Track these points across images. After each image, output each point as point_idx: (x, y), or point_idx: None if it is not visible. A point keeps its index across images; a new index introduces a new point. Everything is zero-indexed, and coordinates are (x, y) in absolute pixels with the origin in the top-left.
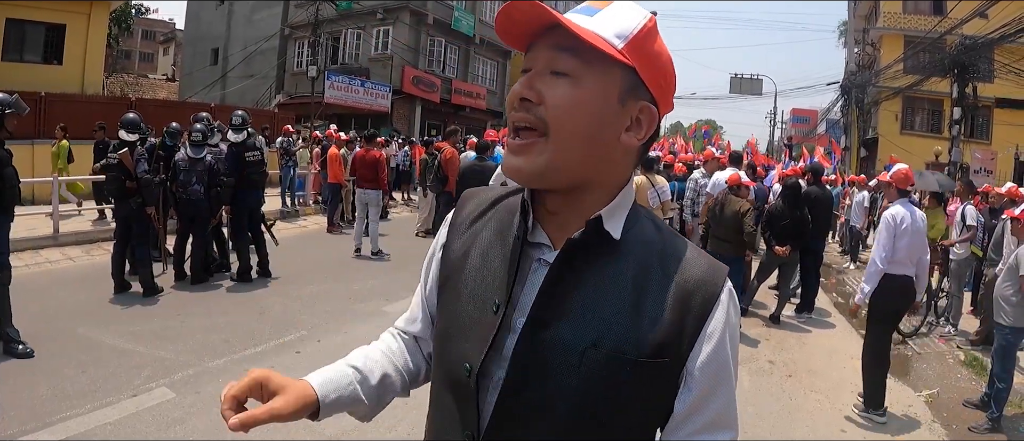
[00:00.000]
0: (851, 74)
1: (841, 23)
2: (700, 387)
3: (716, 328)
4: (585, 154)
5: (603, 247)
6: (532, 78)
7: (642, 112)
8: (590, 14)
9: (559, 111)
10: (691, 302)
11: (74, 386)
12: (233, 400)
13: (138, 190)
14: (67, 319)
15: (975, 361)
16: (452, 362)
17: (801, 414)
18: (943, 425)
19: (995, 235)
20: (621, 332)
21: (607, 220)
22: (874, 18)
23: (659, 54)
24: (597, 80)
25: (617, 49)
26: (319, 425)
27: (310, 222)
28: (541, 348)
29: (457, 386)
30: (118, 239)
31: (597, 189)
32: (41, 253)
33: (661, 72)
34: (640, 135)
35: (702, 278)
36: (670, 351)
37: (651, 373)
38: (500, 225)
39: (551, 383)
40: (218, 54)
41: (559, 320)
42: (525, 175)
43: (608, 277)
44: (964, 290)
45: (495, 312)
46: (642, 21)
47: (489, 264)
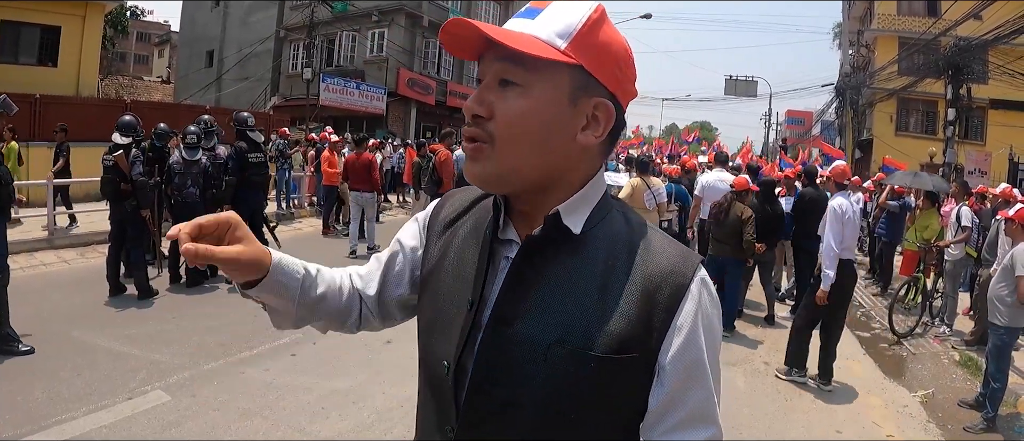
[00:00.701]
0: (846, 75)
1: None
2: (673, 382)
3: (686, 320)
4: (539, 159)
5: (565, 242)
6: (483, 91)
7: (597, 108)
8: (532, 17)
9: (507, 123)
10: (659, 294)
11: (69, 389)
12: (197, 228)
13: (133, 193)
14: (62, 322)
15: (970, 361)
16: (433, 359)
17: (796, 414)
18: (938, 425)
19: (989, 236)
20: (586, 328)
21: (566, 215)
22: (868, 20)
23: (608, 45)
24: (544, 86)
25: (560, 50)
26: (313, 427)
27: (305, 224)
28: (505, 345)
29: (438, 383)
30: (112, 241)
31: (560, 188)
32: (36, 255)
33: (613, 63)
34: (598, 132)
35: (671, 268)
36: (638, 345)
37: (619, 368)
38: (476, 224)
39: (517, 380)
40: (213, 56)
41: (522, 317)
42: (481, 181)
43: (571, 272)
44: (959, 291)
45: (470, 309)
46: (586, 14)
47: (465, 262)
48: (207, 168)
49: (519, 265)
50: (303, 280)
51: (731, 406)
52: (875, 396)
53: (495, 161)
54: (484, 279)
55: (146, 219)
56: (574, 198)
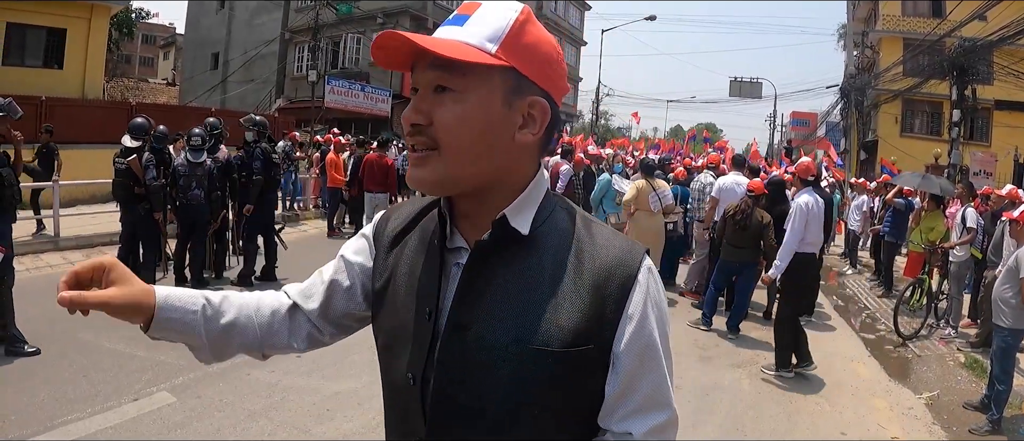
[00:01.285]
0: (850, 77)
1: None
2: (627, 369)
3: (636, 309)
4: (479, 163)
5: (513, 244)
6: (419, 100)
7: (532, 107)
8: (460, 24)
9: (448, 129)
10: (609, 286)
11: (75, 390)
12: (74, 277)
13: (146, 196)
14: (68, 323)
15: (975, 363)
16: (396, 374)
17: (801, 416)
18: (943, 427)
19: (995, 237)
20: (541, 325)
21: (513, 217)
22: (873, 21)
23: (537, 44)
24: (478, 90)
25: (491, 54)
26: (319, 428)
27: (310, 226)
28: (464, 350)
29: (404, 395)
30: (123, 244)
31: (503, 189)
32: (41, 257)
33: (543, 62)
34: (535, 130)
35: (618, 261)
36: (593, 337)
37: (577, 362)
38: (423, 235)
39: (479, 384)
40: (218, 58)
41: (478, 321)
42: (427, 186)
43: (522, 273)
44: (964, 292)
45: (429, 319)
46: (513, 17)
47: (416, 275)
48: (212, 171)
49: (470, 270)
50: (203, 311)
51: (736, 408)
52: (880, 398)
53: (439, 166)
54: (438, 289)
55: (158, 222)
56: (519, 200)
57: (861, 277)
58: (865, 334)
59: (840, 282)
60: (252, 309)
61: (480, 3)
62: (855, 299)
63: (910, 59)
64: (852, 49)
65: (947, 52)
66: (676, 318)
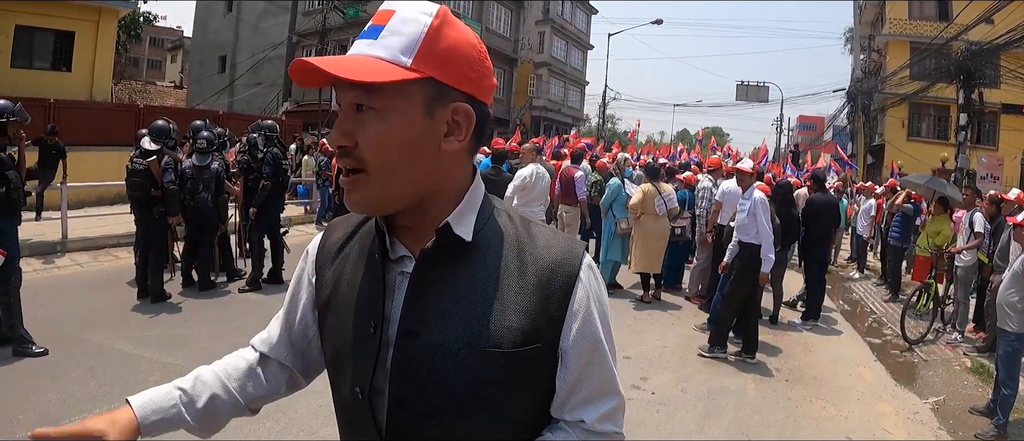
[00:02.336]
0: (857, 80)
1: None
2: (576, 363)
3: (581, 305)
4: (408, 178)
5: (457, 250)
6: (342, 122)
7: (456, 113)
8: (374, 36)
9: (372, 149)
10: (552, 285)
11: (82, 391)
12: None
13: (161, 199)
14: (75, 325)
15: (981, 368)
16: (345, 389)
17: (807, 421)
18: (949, 432)
19: (1001, 242)
20: (491, 328)
21: (456, 225)
22: (880, 24)
23: (454, 48)
24: (397, 105)
25: (406, 66)
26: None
27: (318, 230)
28: (418, 357)
29: (353, 410)
30: (141, 247)
31: (440, 196)
32: (50, 259)
33: (463, 65)
34: (461, 136)
35: (560, 260)
36: (541, 335)
37: (527, 359)
38: (363, 248)
39: (434, 389)
40: (226, 61)
41: (428, 327)
42: (362, 209)
43: (468, 277)
44: (970, 297)
45: (373, 331)
46: (427, 22)
47: (359, 288)
48: (219, 173)
49: (417, 278)
50: (180, 402)
51: (741, 413)
52: (886, 403)
53: (371, 188)
54: (383, 300)
55: (173, 226)
56: (460, 207)
57: (868, 282)
58: (871, 339)
59: (846, 287)
60: (224, 378)
61: (393, 10)
62: (861, 304)
63: (917, 63)
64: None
65: (954, 55)
66: (682, 322)
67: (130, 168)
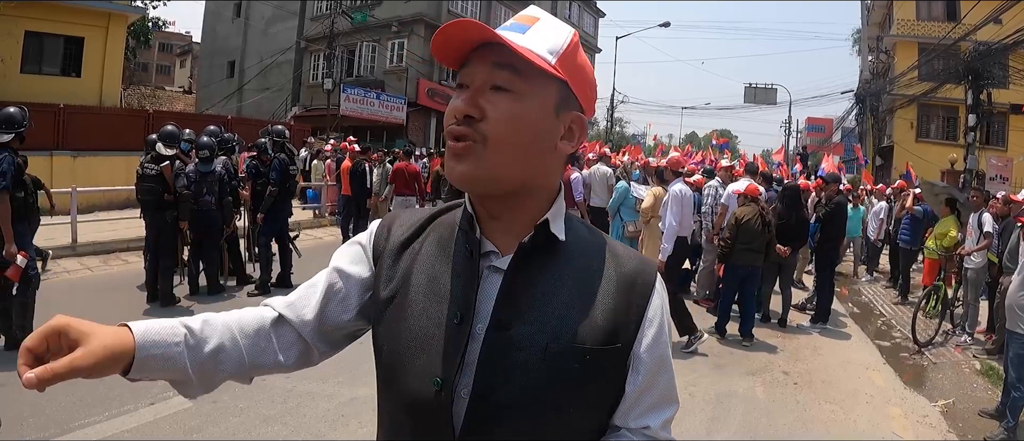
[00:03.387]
0: (865, 82)
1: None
2: (648, 369)
3: (655, 314)
4: (524, 163)
5: (551, 248)
6: (474, 94)
7: (574, 122)
8: (522, 31)
9: (501, 125)
10: (633, 291)
11: (92, 394)
12: (28, 354)
13: (174, 204)
14: None
15: (991, 370)
16: (416, 381)
17: (816, 424)
18: (958, 435)
19: (1011, 243)
20: (576, 325)
21: (553, 223)
22: (887, 25)
23: (583, 67)
24: (536, 94)
25: (551, 64)
26: (334, 434)
27: (326, 233)
28: (506, 350)
29: (424, 404)
30: (151, 250)
31: (536, 193)
32: (60, 263)
33: (587, 84)
34: (573, 143)
35: (638, 268)
36: (620, 337)
37: (606, 360)
38: (440, 240)
39: (517, 383)
40: (234, 67)
41: (519, 321)
42: (466, 180)
43: (558, 275)
44: (980, 299)
45: (458, 323)
46: (568, 37)
47: (438, 280)
48: (222, 177)
49: (514, 271)
50: (186, 341)
51: (750, 416)
52: (895, 406)
53: (484, 162)
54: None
55: (183, 230)
56: (555, 207)
57: (877, 284)
58: (880, 341)
59: (855, 289)
60: (235, 330)
61: (538, 17)
62: (871, 306)
63: (925, 63)
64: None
65: (962, 56)
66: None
67: (141, 173)
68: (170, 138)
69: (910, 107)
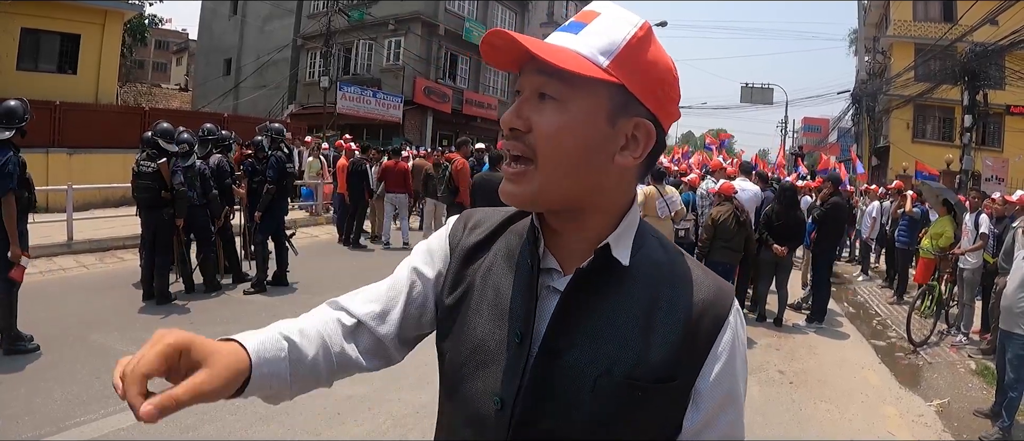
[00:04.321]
0: (862, 82)
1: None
2: (710, 406)
3: (725, 349)
4: (575, 179)
5: (612, 273)
6: (521, 105)
7: (637, 129)
8: (575, 31)
9: (546, 138)
10: (701, 324)
11: (88, 391)
12: (142, 380)
13: (171, 201)
14: (81, 326)
15: (986, 370)
16: (477, 395)
17: (811, 424)
18: (953, 435)
19: (1005, 244)
20: (633, 357)
21: (615, 247)
22: (884, 26)
23: (653, 64)
24: (583, 102)
25: (602, 67)
26: (330, 432)
27: (322, 232)
28: (554, 377)
29: (483, 420)
30: (148, 248)
31: (599, 212)
32: (55, 260)
33: (657, 83)
34: (637, 153)
35: (711, 300)
36: (680, 373)
37: (663, 396)
38: (509, 250)
39: (564, 412)
40: (231, 64)
41: (571, 348)
42: (518, 200)
43: (618, 303)
44: (976, 299)
45: (520, 342)
46: (631, 31)
47: (502, 292)
48: (203, 171)
49: (570, 296)
50: (289, 356)
51: (745, 415)
52: (890, 405)
53: (535, 182)
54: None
55: (179, 228)
56: (620, 229)
57: (872, 284)
58: (876, 341)
59: (851, 289)
60: (327, 340)
61: (599, 12)
62: (866, 306)
63: (921, 64)
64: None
65: (959, 57)
66: None
67: (137, 170)
68: (168, 135)
69: (906, 108)
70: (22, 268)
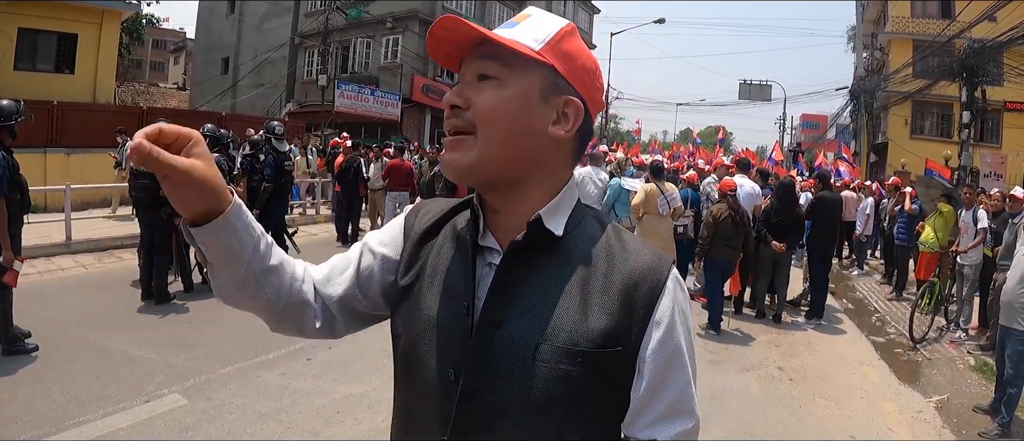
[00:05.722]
0: (860, 79)
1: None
2: (653, 374)
3: (664, 315)
4: (512, 148)
5: (547, 245)
6: (462, 86)
7: (567, 105)
8: (511, 27)
9: (485, 110)
10: (638, 292)
11: (87, 391)
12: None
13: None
14: (80, 326)
15: (985, 366)
16: (429, 372)
17: (810, 420)
18: (953, 431)
19: (1005, 240)
20: (571, 326)
21: (548, 219)
22: (882, 22)
23: (579, 54)
24: (519, 79)
25: (535, 50)
26: (329, 431)
27: (320, 230)
28: (495, 348)
29: (438, 393)
30: (146, 248)
31: (535, 187)
32: (54, 260)
33: (582, 70)
34: (567, 127)
35: (647, 267)
36: (621, 340)
37: (605, 363)
38: (455, 231)
39: (508, 382)
40: (228, 63)
41: (509, 320)
42: (457, 169)
43: (554, 274)
44: (975, 295)
45: (467, 313)
46: (559, 26)
47: (452, 271)
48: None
49: (504, 269)
50: (259, 240)
51: (744, 411)
52: (890, 402)
53: (473, 149)
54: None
55: (177, 226)
56: (553, 202)
57: (871, 280)
58: (875, 337)
59: (848, 285)
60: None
61: (531, 14)
62: (865, 302)
63: (920, 61)
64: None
65: (957, 53)
66: None
67: (134, 170)
68: None
69: (905, 104)
70: (15, 272)
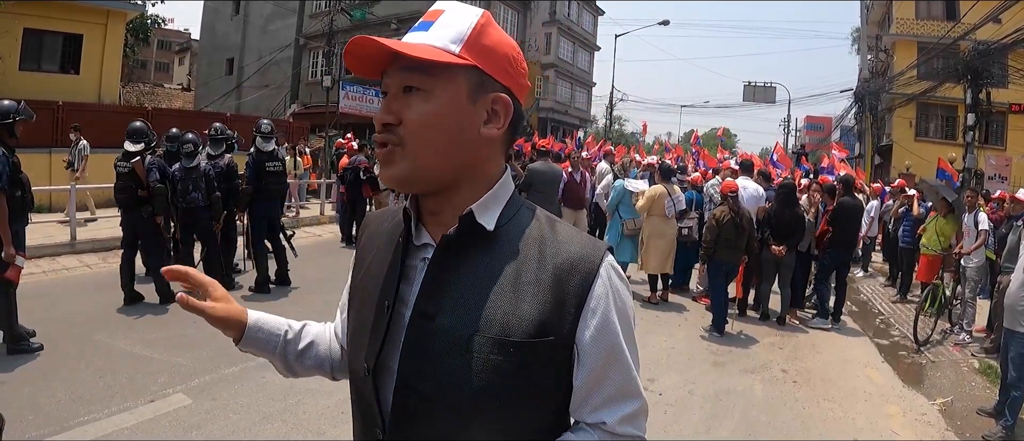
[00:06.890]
0: (864, 81)
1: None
2: (594, 361)
3: (599, 302)
4: (447, 157)
5: (479, 240)
6: (390, 101)
7: (495, 103)
8: (425, 29)
9: (416, 126)
10: (570, 280)
11: (91, 391)
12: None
13: (149, 199)
14: (84, 325)
15: (989, 369)
16: (356, 364)
17: (814, 422)
18: (957, 434)
19: (1009, 243)
20: (503, 317)
21: (480, 214)
22: (887, 24)
23: (499, 44)
24: (444, 88)
25: (455, 54)
26: (333, 431)
27: (324, 231)
28: (428, 341)
29: (360, 386)
30: (126, 248)
31: (468, 185)
32: (58, 260)
33: (504, 61)
34: (499, 124)
35: (580, 255)
36: (553, 329)
37: (538, 352)
38: (391, 234)
39: (442, 373)
40: (233, 64)
41: (442, 312)
42: (396, 182)
43: (487, 266)
44: (978, 297)
45: (386, 310)
46: (474, 20)
47: (382, 270)
48: (208, 172)
49: (436, 263)
50: (287, 341)
51: (749, 413)
52: (893, 404)
53: (407, 162)
54: (399, 281)
55: (160, 225)
56: (486, 197)
57: (875, 282)
58: (879, 340)
59: (852, 287)
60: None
61: (443, 10)
62: (870, 305)
63: (924, 62)
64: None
65: (961, 55)
66: (689, 323)
67: (118, 170)
68: (137, 134)
69: (909, 106)
70: (18, 268)
